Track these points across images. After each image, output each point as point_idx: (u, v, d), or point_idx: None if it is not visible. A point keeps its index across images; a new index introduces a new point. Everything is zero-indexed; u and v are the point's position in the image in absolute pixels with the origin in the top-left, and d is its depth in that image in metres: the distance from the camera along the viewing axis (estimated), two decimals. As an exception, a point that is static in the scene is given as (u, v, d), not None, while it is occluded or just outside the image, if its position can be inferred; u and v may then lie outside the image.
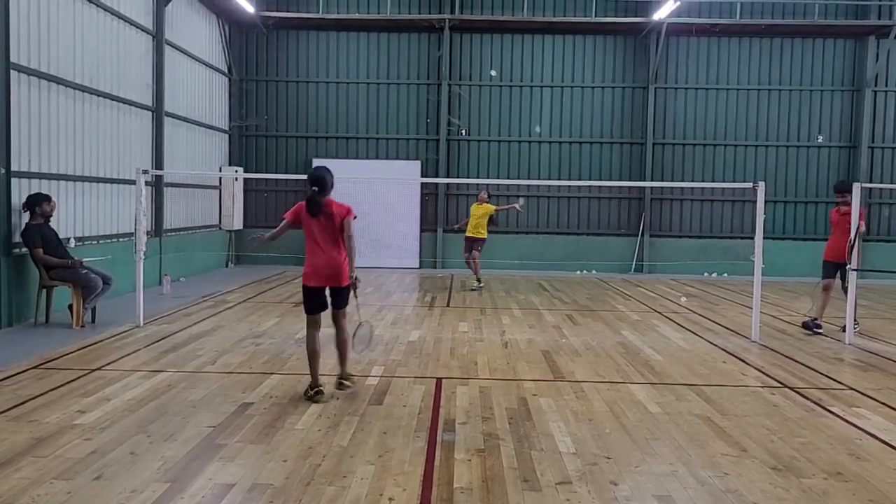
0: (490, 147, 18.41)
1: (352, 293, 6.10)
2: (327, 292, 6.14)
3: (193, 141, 15.80)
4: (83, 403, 5.80)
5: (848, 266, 9.02)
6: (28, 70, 9.58)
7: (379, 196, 17.93)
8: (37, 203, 9.12)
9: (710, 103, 18.30)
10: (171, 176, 14.32)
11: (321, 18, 17.69)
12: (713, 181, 18.06)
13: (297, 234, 6.23)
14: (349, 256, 6.01)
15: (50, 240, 9.12)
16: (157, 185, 13.77)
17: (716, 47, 18.19)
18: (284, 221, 6.16)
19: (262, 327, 9.42)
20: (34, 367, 6.97)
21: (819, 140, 18.26)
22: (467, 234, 14.11)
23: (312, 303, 6.12)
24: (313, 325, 6.16)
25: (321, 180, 5.98)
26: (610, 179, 18.10)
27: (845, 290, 9.22)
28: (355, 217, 6.07)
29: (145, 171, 9.54)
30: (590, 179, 18.20)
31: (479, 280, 14.07)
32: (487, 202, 14.11)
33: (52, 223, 9.37)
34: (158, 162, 13.66)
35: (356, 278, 6.01)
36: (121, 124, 12.32)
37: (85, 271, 9.17)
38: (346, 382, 6.26)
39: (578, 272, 17.61)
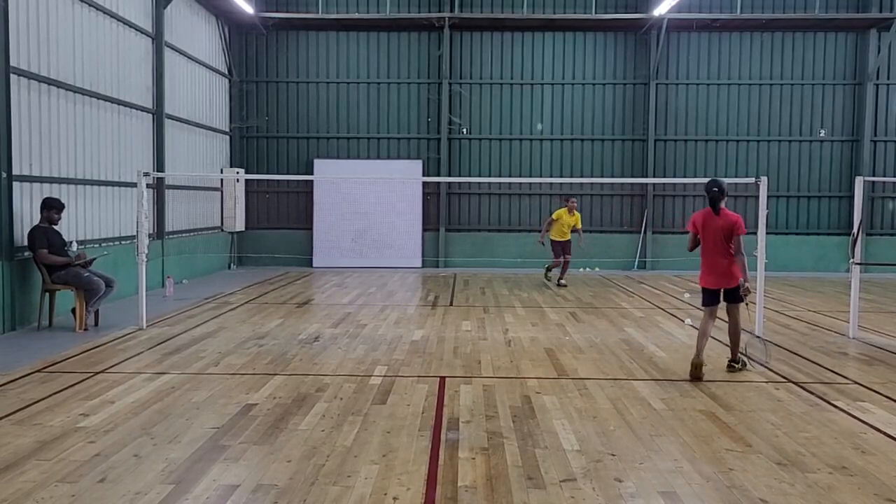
0: (491, 145, 18.40)
1: (744, 301, 6.99)
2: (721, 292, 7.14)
3: (194, 143, 15.80)
4: (87, 406, 5.81)
5: (852, 260, 9.00)
6: (28, 74, 9.59)
7: (380, 196, 17.96)
8: (45, 207, 9.17)
9: (712, 99, 18.26)
10: (172, 178, 14.32)
11: (321, 18, 17.69)
12: (715, 177, 17.99)
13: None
14: (740, 266, 6.92)
15: (54, 244, 9.13)
16: (159, 188, 13.78)
17: (717, 42, 18.14)
18: (690, 234, 7.28)
19: (265, 328, 9.42)
20: (38, 371, 6.98)
21: (821, 134, 18.21)
22: (560, 238, 14.34)
23: (706, 298, 7.24)
24: (708, 314, 7.17)
25: (719, 183, 6.99)
26: (612, 176, 18.09)
27: None
28: (744, 232, 6.89)
29: (146, 174, 9.54)
30: (591, 176, 18.19)
31: (559, 278, 14.65)
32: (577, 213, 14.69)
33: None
34: (159, 164, 13.66)
35: (746, 288, 6.89)
36: (121, 127, 12.32)
37: (87, 274, 9.19)
38: (736, 365, 7.22)
39: (581, 269, 17.58)
